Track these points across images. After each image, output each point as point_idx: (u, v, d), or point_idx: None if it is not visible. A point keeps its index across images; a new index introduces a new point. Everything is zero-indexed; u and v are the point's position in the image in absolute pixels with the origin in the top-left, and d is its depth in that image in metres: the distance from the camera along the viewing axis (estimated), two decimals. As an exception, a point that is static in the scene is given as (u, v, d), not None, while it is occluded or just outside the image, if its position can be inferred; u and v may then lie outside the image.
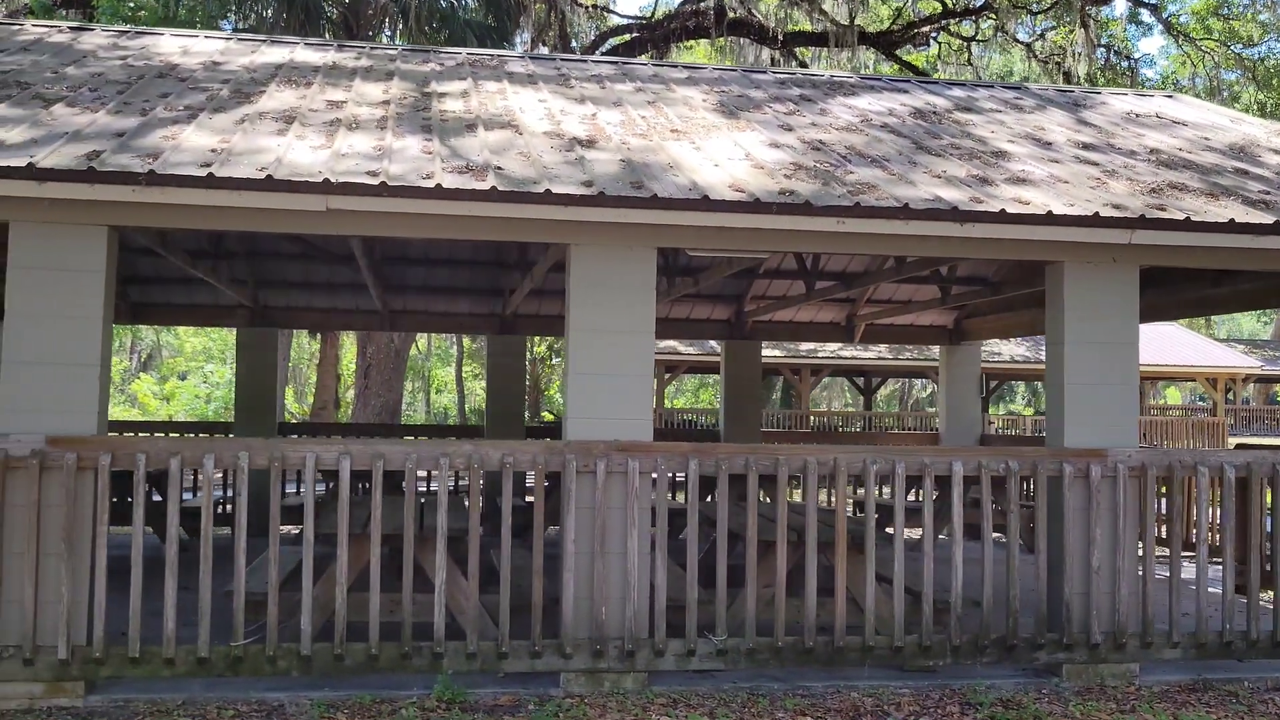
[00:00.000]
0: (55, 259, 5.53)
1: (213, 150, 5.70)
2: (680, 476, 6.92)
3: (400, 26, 23.44)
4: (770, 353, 27.36)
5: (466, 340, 39.19)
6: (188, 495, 11.73)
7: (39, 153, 5.36)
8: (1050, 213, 5.91)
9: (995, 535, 6.38)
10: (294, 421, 27.61)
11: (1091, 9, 23.02)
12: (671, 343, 27.51)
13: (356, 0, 22.86)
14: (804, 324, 13.58)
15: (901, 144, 7.33)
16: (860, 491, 11.52)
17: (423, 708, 5.52)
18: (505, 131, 6.71)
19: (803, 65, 26.50)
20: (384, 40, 22.99)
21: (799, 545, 6.29)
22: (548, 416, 39.95)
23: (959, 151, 7.23)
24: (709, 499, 9.58)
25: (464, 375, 41.19)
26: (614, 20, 30.83)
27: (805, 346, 28.57)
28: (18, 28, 8.77)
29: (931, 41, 29.13)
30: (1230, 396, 34.95)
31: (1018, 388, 49.99)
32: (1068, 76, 24.94)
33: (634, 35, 27.77)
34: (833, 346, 28.73)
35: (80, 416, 5.54)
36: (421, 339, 39.59)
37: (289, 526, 10.45)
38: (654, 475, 5.94)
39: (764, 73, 9.99)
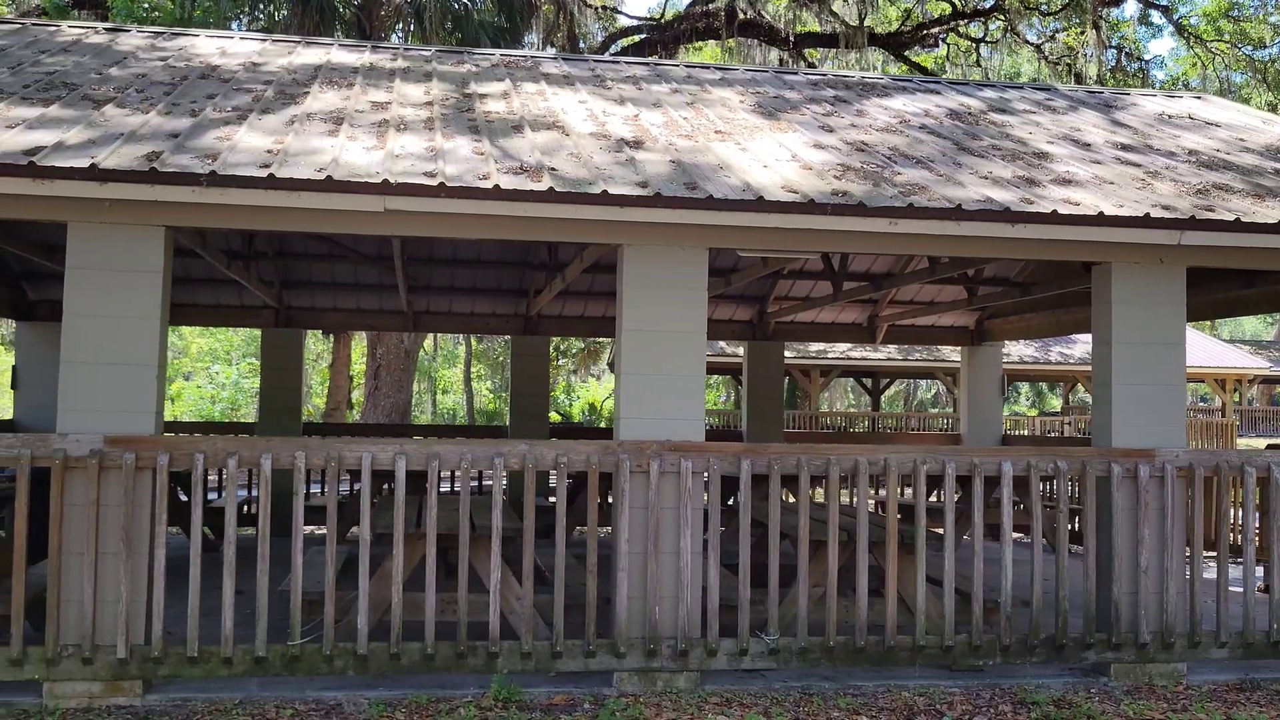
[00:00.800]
0: (113, 259, 5.55)
1: (269, 151, 5.72)
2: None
3: (412, 27, 23.46)
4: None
5: (474, 341, 39.17)
6: (212, 495, 11.77)
7: (99, 153, 5.38)
8: (1102, 214, 5.93)
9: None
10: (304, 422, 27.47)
11: (1103, 11, 23.03)
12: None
13: (369, 1, 22.92)
14: (826, 325, 13.60)
15: (943, 145, 7.35)
16: (880, 492, 11.52)
17: (480, 707, 5.53)
18: (552, 133, 6.73)
19: (811, 66, 26.52)
20: (394, 40, 23.00)
21: (848, 545, 6.32)
22: (554, 417, 39.96)
23: (1000, 153, 7.25)
24: (730, 500, 9.56)
25: (470, 376, 41.15)
26: (621, 22, 30.90)
27: (815, 347, 28.51)
28: (54, 28, 8.78)
29: (940, 43, 29.20)
30: (1236, 398, 34.96)
31: (1021, 388, 49.98)
32: (1079, 78, 24.96)
33: (643, 37, 27.78)
34: (842, 347, 28.67)
35: (138, 416, 5.56)
36: (428, 340, 39.57)
37: (311, 527, 10.49)
38: (706, 475, 5.95)
39: (795, 73, 10.02)
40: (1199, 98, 10.40)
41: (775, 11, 28.34)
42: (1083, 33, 23.94)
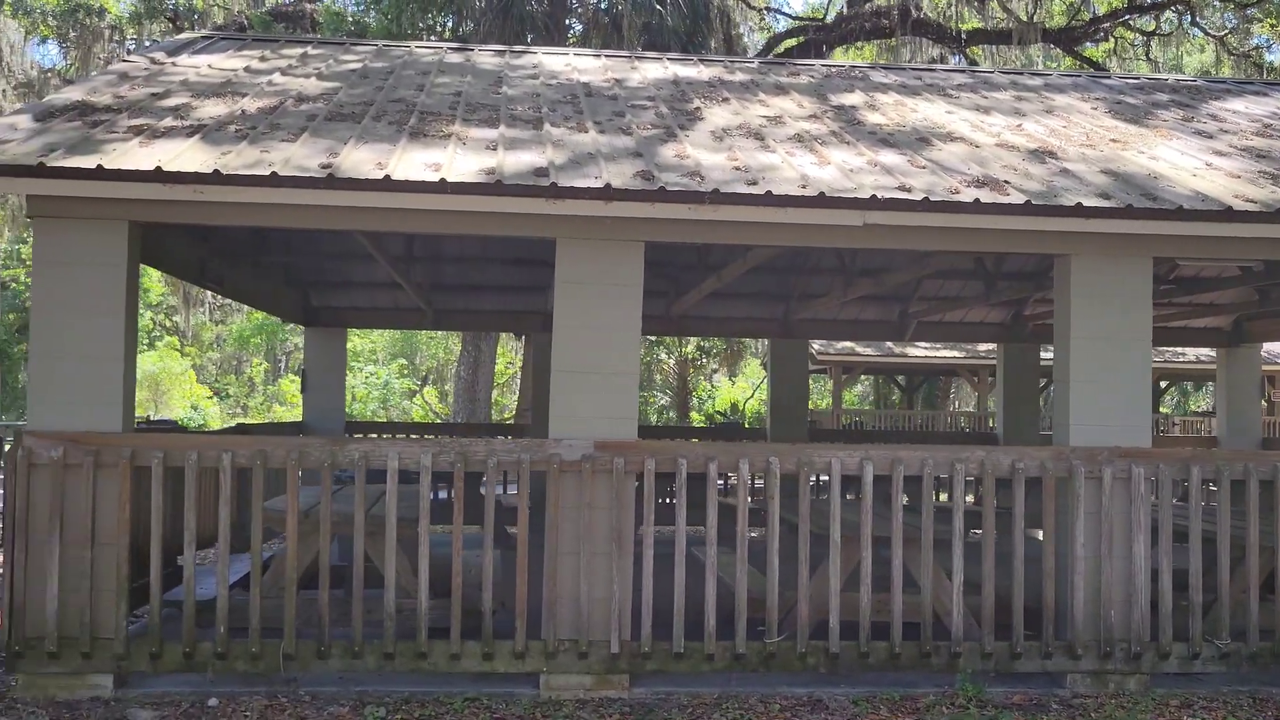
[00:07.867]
0: (601, 274, 5.84)
1: (735, 168, 5.95)
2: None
3: (589, 32, 23.86)
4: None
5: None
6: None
7: (597, 172, 5.65)
8: None
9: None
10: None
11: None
12: (848, 344, 27.33)
13: (557, 9, 23.43)
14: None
15: (1332, 149, 7.32)
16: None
17: (952, 704, 5.70)
18: (959, 144, 6.86)
19: (973, 64, 26.29)
20: (571, 45, 23.41)
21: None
22: (696, 418, 39.95)
23: (1397, 156, 7.20)
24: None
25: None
26: (777, 23, 30.99)
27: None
28: (405, 49, 9.18)
29: (1109, 36, 28.71)
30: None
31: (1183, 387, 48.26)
32: (1267, 70, 24.36)
33: (806, 38, 27.73)
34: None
35: (622, 422, 5.84)
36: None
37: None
38: (1154, 480, 6.04)
39: (1109, 77, 10.02)
40: None
41: (937, 8, 28.20)
42: (1276, 25, 23.35)
